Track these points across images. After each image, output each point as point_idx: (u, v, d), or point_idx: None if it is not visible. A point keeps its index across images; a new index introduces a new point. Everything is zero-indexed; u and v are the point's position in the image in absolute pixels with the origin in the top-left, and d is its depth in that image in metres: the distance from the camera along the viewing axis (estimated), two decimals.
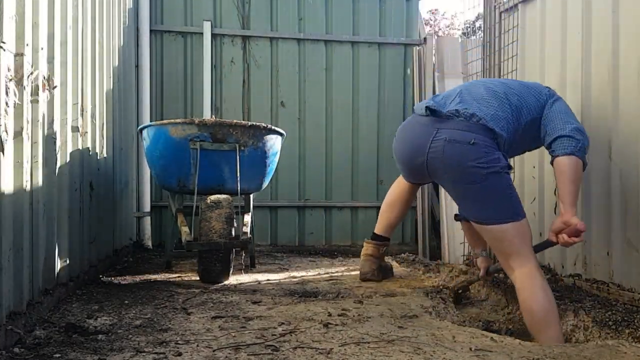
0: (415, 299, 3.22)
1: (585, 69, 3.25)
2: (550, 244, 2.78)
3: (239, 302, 3.05)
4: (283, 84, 5.86)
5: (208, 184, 3.89)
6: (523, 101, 2.92)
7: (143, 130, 4.10)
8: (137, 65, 5.42)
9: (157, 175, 4.12)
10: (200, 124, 3.79)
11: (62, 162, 2.91)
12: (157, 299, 3.09)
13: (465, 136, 2.76)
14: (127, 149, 4.86)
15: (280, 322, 2.59)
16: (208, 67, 5.67)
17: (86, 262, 3.43)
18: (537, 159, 3.67)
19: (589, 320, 2.73)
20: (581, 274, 3.27)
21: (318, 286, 3.60)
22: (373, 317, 2.73)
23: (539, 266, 2.75)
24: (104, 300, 3.00)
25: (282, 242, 5.86)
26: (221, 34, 5.76)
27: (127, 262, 4.54)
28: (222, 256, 3.62)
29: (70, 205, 3.03)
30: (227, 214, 3.71)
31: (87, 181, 3.44)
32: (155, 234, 5.63)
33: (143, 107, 5.47)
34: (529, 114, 2.91)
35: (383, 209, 3.76)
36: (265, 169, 4.17)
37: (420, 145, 2.89)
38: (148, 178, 5.46)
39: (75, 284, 3.17)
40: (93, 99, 3.59)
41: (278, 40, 5.88)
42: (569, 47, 3.40)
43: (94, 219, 3.58)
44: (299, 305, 2.97)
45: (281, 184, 5.82)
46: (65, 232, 2.95)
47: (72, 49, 3.07)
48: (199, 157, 3.76)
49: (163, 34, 5.70)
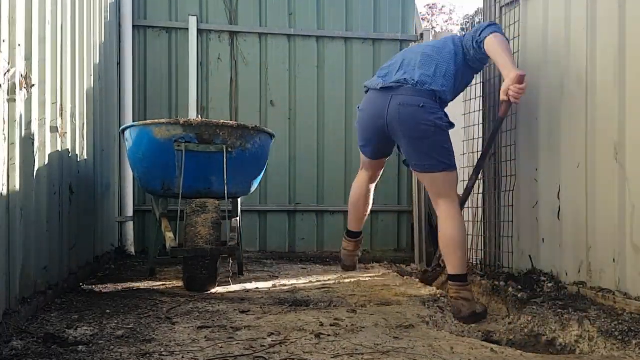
0: (412, 308, 3.23)
1: (590, 66, 3.26)
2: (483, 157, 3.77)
3: (227, 311, 3.06)
4: (273, 82, 5.86)
5: (194, 188, 3.89)
6: (448, 51, 3.70)
7: (125, 130, 4.09)
8: (119, 63, 5.42)
9: (140, 178, 4.12)
10: (185, 124, 3.79)
11: (40, 164, 2.91)
12: (140, 308, 3.09)
13: (414, 101, 3.53)
14: (108, 151, 4.86)
15: (269, 332, 2.59)
16: (194, 65, 5.67)
17: (66, 270, 3.42)
18: (539, 161, 3.68)
19: (594, 331, 2.74)
20: (586, 282, 3.28)
21: (309, 295, 3.60)
22: (367, 327, 2.73)
23: (459, 208, 3.57)
24: (85, 310, 2.99)
25: (271, 249, 5.86)
26: (208, 29, 5.76)
27: (108, 270, 4.53)
28: (208, 263, 3.62)
29: (49, 209, 3.03)
30: (214, 218, 3.71)
31: (67, 184, 3.44)
32: (139, 239, 5.61)
33: (125, 106, 5.46)
34: (458, 57, 3.67)
35: (350, 209, 4.17)
36: (254, 172, 4.17)
37: (379, 110, 3.63)
38: (131, 181, 5.45)
39: (55, 292, 3.16)
40: (73, 98, 3.59)
41: (267, 36, 5.88)
42: (573, 42, 3.42)
43: (74, 224, 3.57)
44: (289, 315, 2.97)
45: (271, 187, 5.82)
46: (43, 238, 2.94)
47: (51, 45, 3.07)
48: (184, 159, 3.76)
49: (146, 29, 5.69)
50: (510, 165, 3.94)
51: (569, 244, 3.37)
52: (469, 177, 3.88)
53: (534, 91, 3.68)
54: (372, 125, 3.77)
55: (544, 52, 3.69)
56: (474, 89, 4.40)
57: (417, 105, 3.55)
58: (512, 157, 3.92)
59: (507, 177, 3.96)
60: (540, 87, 3.69)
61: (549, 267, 3.62)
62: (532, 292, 3.39)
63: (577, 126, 3.30)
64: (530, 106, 3.76)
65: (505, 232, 3.99)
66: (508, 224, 3.96)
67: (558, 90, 3.49)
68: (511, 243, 3.92)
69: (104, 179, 4.66)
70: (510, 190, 3.93)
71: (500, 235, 4.05)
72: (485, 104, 4.26)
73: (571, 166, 3.34)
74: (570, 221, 3.37)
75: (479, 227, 4.35)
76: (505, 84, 3.40)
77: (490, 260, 4.17)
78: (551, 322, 2.89)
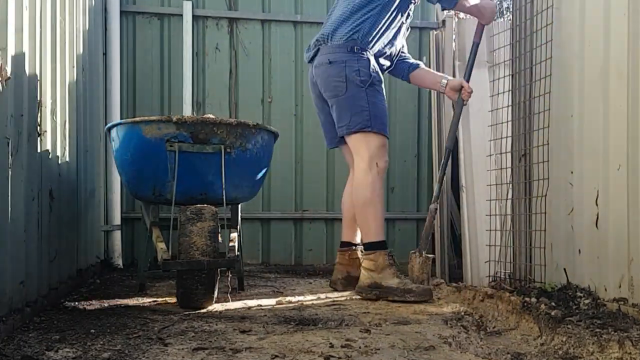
0: (432, 328, 3.23)
1: (632, 55, 3.25)
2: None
3: (225, 331, 3.06)
4: (276, 75, 5.88)
5: (188, 193, 3.90)
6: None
7: (112, 129, 4.10)
8: (104, 53, 5.45)
9: (129, 182, 4.13)
10: (178, 122, 3.80)
11: (16, 167, 2.92)
12: (129, 327, 3.10)
13: (323, 59, 3.93)
14: (93, 151, 4.88)
15: (273, 354, 2.60)
16: (189, 55, 5.69)
17: (45, 284, 3.44)
18: (575, 164, 3.67)
19: (636, 353, 2.73)
20: (627, 298, 3.27)
21: (318, 312, 3.61)
22: (382, 348, 2.73)
23: (377, 175, 3.98)
24: (67, 329, 3.01)
25: (275, 261, 5.87)
26: (204, 15, 5.79)
27: (93, 284, 4.55)
28: (204, 277, 3.63)
29: (27, 217, 3.04)
30: (211, 227, 3.71)
31: (47, 189, 3.46)
32: (127, 251, 5.63)
33: (112, 101, 5.49)
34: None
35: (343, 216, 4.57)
36: (255, 175, 4.18)
37: (311, 79, 4.13)
38: (118, 185, 5.48)
39: (33, 309, 3.18)
40: (53, 92, 3.61)
41: (271, 23, 5.90)
42: (613, 29, 3.40)
43: (54, 234, 3.59)
44: (295, 335, 2.98)
45: (275, 192, 5.84)
46: (20, 249, 2.96)
47: (28, 34, 3.08)
48: (178, 161, 3.78)
49: (136, 15, 5.72)
50: (542, 168, 3.93)
51: (608, 255, 3.36)
52: (495, 182, 3.90)
53: (569, 85, 3.68)
54: (315, 97, 4.22)
55: (580, 41, 3.69)
56: (501, 82, 4.39)
57: (327, 62, 3.92)
58: (544, 159, 3.90)
59: (539, 180, 3.95)
60: (575, 81, 3.68)
61: (586, 281, 3.61)
62: (567, 309, 3.38)
63: (617, 124, 3.29)
64: (566, 102, 3.75)
65: (536, 242, 3.98)
66: (540, 233, 3.95)
67: (596, 85, 3.48)
68: (543, 255, 3.91)
69: (89, 183, 4.68)
70: (542, 195, 3.92)
71: (532, 246, 4.05)
72: (515, 99, 4.26)
73: (611, 168, 3.33)
74: (610, 230, 3.36)
75: (508, 237, 4.34)
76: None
77: (520, 274, 4.16)
78: (588, 343, 2.88)
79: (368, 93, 3.84)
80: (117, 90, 5.52)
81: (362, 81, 3.77)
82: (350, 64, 3.83)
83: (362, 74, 3.76)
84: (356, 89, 3.80)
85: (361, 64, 3.85)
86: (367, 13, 3.95)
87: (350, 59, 3.86)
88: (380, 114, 3.95)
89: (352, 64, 3.83)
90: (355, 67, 3.81)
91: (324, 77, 3.97)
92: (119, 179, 5.33)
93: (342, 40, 3.89)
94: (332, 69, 3.90)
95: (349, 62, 3.84)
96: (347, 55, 3.86)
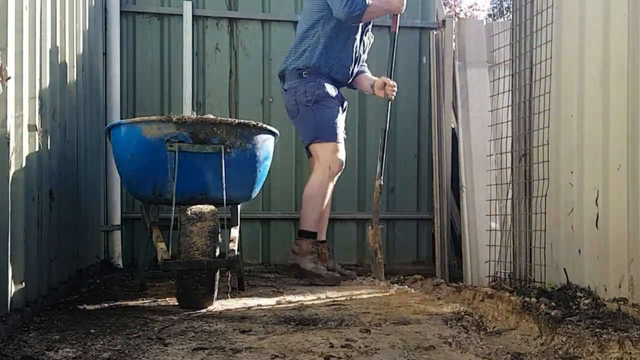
0: (432, 328, 3.23)
1: (632, 55, 3.25)
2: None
3: (225, 331, 3.07)
4: (276, 75, 5.87)
5: (188, 193, 3.90)
6: (309, 15, 4.76)
7: (112, 129, 4.10)
8: (105, 53, 5.45)
9: (129, 182, 4.13)
10: (178, 122, 3.80)
11: (16, 167, 2.92)
12: (129, 327, 3.10)
13: (283, 86, 4.80)
14: (93, 152, 4.88)
15: (273, 354, 2.60)
16: (189, 55, 5.69)
17: (45, 285, 3.44)
18: (575, 163, 3.67)
19: (636, 353, 2.73)
20: (627, 298, 3.27)
21: (318, 312, 3.61)
22: (382, 348, 2.74)
23: (327, 178, 4.70)
24: (67, 329, 3.01)
25: (275, 261, 5.87)
26: (204, 15, 5.79)
27: (93, 284, 4.55)
28: (204, 277, 3.62)
29: (27, 217, 3.04)
30: (211, 227, 3.71)
31: (47, 189, 3.46)
32: (127, 251, 5.63)
33: (112, 102, 5.49)
34: (319, 19, 4.69)
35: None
36: (255, 175, 4.18)
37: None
38: (118, 185, 5.48)
39: (33, 309, 3.18)
40: (53, 92, 3.61)
41: (271, 23, 5.90)
42: (613, 29, 3.41)
43: (54, 234, 3.59)
44: (295, 335, 2.98)
45: (275, 192, 5.84)
46: (20, 250, 2.95)
47: (28, 34, 3.08)
48: (178, 161, 3.77)
49: (136, 15, 5.72)
50: (542, 168, 3.93)
51: (608, 255, 3.37)
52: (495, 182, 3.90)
53: (569, 85, 3.68)
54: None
55: (580, 41, 3.69)
56: (501, 82, 4.40)
57: (284, 90, 4.77)
58: (544, 159, 3.91)
59: (539, 180, 3.96)
60: (575, 81, 3.68)
61: (586, 281, 3.61)
62: (567, 309, 3.38)
63: (617, 124, 3.29)
64: (566, 102, 3.75)
65: (536, 242, 3.98)
66: (540, 233, 3.96)
67: (596, 85, 3.48)
68: (543, 255, 3.91)
69: (88, 183, 4.68)
70: (542, 195, 3.92)
71: (532, 246, 4.05)
72: (515, 99, 4.26)
73: (611, 168, 3.33)
74: (610, 230, 3.36)
75: (508, 237, 4.34)
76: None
77: (520, 274, 4.16)
78: (588, 343, 2.88)
79: (314, 110, 4.58)
80: (117, 90, 5.52)
81: (307, 101, 4.52)
82: (299, 89, 4.60)
83: (308, 95, 4.50)
84: (304, 109, 4.59)
85: (307, 86, 4.60)
86: (309, 40, 4.73)
87: (299, 84, 4.62)
88: (327, 125, 4.64)
89: (300, 88, 4.60)
90: (302, 90, 4.58)
91: (284, 103, 4.86)
92: (119, 179, 5.32)
93: (293, 69, 4.69)
94: (287, 95, 4.75)
95: (298, 87, 4.62)
96: (297, 82, 4.64)
